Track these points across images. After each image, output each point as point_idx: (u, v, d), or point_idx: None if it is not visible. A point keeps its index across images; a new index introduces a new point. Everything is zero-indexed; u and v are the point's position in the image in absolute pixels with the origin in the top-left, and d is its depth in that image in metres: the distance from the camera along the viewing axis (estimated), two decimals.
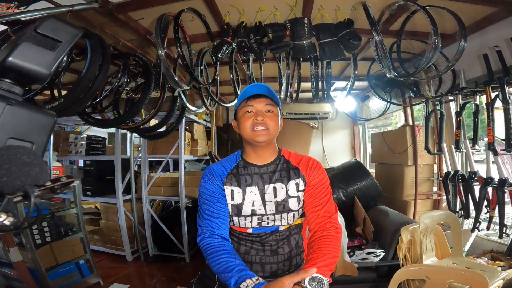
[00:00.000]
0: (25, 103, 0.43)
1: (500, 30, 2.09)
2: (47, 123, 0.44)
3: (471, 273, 1.24)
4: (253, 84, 1.09)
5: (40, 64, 0.45)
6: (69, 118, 3.30)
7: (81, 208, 2.66)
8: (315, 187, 1.10)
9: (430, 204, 3.11)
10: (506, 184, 2.00)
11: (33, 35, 0.46)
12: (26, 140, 0.41)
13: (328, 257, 0.94)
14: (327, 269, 0.91)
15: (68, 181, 0.42)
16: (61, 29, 0.48)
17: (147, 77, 2.23)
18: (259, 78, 2.80)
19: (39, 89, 1.72)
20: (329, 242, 0.99)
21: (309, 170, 1.12)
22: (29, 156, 0.39)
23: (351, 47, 2.16)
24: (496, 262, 2.07)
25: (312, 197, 1.09)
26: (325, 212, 1.07)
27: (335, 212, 1.10)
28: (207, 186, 1.10)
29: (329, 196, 1.11)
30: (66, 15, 1.54)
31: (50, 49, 0.46)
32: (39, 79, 0.46)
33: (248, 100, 1.08)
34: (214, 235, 1.03)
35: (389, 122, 5.14)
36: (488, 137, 2.10)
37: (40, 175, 0.40)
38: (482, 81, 2.15)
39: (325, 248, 0.97)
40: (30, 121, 0.42)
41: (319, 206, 1.07)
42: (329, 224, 1.05)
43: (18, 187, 0.37)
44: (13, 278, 2.20)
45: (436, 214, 2.06)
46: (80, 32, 0.52)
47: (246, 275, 0.83)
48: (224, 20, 2.19)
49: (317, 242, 1.00)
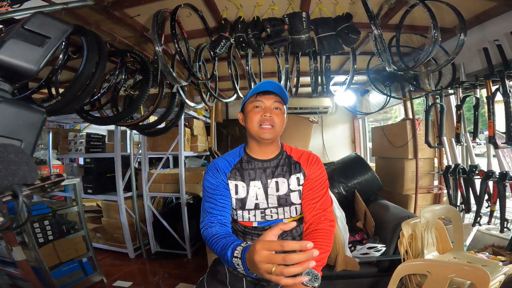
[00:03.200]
0: (14, 101, 0.43)
1: (500, 24, 2.07)
2: (37, 120, 0.43)
3: (473, 268, 1.25)
4: (266, 81, 1.11)
5: (28, 60, 0.44)
6: (68, 116, 3.30)
7: (82, 206, 2.67)
8: (313, 180, 1.14)
9: (431, 198, 3.11)
10: (507, 178, 1.99)
11: (20, 32, 0.45)
12: (15, 138, 0.41)
13: (321, 251, 0.96)
14: (320, 264, 0.95)
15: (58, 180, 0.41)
16: (49, 24, 0.47)
17: (145, 73, 2.22)
18: (258, 73, 2.78)
19: (36, 87, 1.71)
20: (322, 236, 1.02)
21: (309, 165, 1.16)
22: (17, 154, 0.38)
23: (350, 41, 2.14)
24: (497, 257, 2.07)
25: (309, 189, 1.13)
26: (321, 205, 1.10)
27: (330, 205, 1.13)
28: (211, 180, 1.14)
29: (326, 190, 1.15)
30: (61, 13, 1.52)
31: (39, 45, 0.46)
32: (28, 75, 0.46)
33: (258, 95, 1.11)
34: (214, 224, 1.05)
35: (389, 116, 5.13)
36: (489, 131, 2.09)
37: (29, 174, 0.39)
38: (482, 75, 2.14)
39: (319, 242, 1.00)
40: (19, 118, 0.42)
41: (316, 199, 1.11)
42: (324, 217, 1.08)
43: (6, 186, 0.37)
44: (17, 277, 2.22)
45: (437, 208, 2.06)
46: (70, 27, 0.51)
47: (237, 245, 0.84)
48: (222, 15, 2.17)
49: (311, 235, 1.03)
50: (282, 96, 1.13)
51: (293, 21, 2.10)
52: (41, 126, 0.44)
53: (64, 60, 1.64)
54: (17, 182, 0.38)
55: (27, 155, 0.40)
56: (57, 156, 3.41)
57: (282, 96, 1.13)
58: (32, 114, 0.43)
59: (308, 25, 2.12)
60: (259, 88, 1.10)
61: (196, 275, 2.81)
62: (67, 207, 2.71)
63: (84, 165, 3.47)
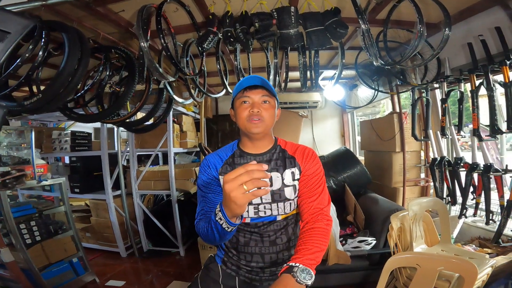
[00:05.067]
0: None
1: (484, 19, 2.11)
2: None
3: (461, 261, 1.27)
4: (249, 76, 1.09)
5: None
6: (51, 114, 3.20)
7: (69, 205, 2.61)
8: (310, 177, 1.11)
9: (418, 190, 3.18)
10: (491, 170, 2.03)
11: None
12: None
13: (316, 250, 0.95)
14: (314, 262, 0.93)
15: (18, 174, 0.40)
16: (10, 20, 0.45)
17: (131, 70, 2.18)
18: (247, 68, 2.76)
19: (15, 85, 1.65)
20: (318, 235, 1.01)
21: (305, 159, 1.13)
22: None
23: (338, 35, 2.14)
24: (484, 249, 2.12)
25: (306, 187, 1.11)
26: (318, 204, 1.08)
27: (328, 204, 1.11)
28: (203, 177, 1.13)
29: (323, 187, 1.12)
30: (40, 9, 1.46)
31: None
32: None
33: (245, 91, 1.08)
34: (205, 217, 1.05)
35: (377, 110, 5.18)
36: (473, 124, 2.13)
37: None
38: (466, 69, 2.17)
39: (314, 240, 0.98)
40: None
41: (313, 197, 1.09)
42: (321, 216, 1.06)
43: None
44: (8, 279, 2.17)
45: (424, 201, 2.10)
46: (31, 22, 0.48)
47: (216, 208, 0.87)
48: (209, 10, 2.14)
49: (307, 233, 1.02)
50: (269, 89, 1.09)
51: (281, 16, 2.08)
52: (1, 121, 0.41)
53: (44, 57, 1.57)
54: None
55: None
56: (41, 156, 3.31)
57: (269, 89, 1.09)
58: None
59: (297, 20, 2.11)
60: (243, 84, 1.08)
61: (189, 272, 2.81)
62: (53, 207, 2.64)
63: (70, 164, 3.38)
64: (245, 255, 1.14)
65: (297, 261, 0.90)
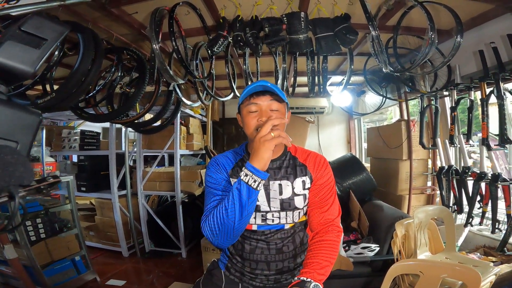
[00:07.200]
0: (10, 102, 0.42)
1: (496, 26, 2.10)
2: (32, 122, 0.43)
3: (464, 269, 1.26)
4: (257, 82, 1.04)
5: (24, 62, 0.44)
6: (62, 113, 3.26)
7: (75, 204, 2.64)
8: (321, 186, 1.08)
9: (424, 198, 3.14)
10: (499, 179, 2.01)
11: (17, 33, 0.44)
12: (11, 140, 0.40)
13: (326, 264, 0.95)
14: (324, 277, 0.93)
15: (54, 181, 0.41)
16: (46, 26, 0.47)
17: (141, 71, 2.21)
18: (255, 72, 2.78)
19: (30, 84, 1.69)
20: (328, 248, 0.99)
21: (317, 168, 1.10)
22: (14, 156, 0.38)
23: (347, 41, 2.15)
24: (488, 258, 2.09)
25: (317, 196, 1.08)
26: (329, 214, 1.06)
27: (338, 215, 1.09)
28: (213, 175, 1.09)
29: (334, 197, 1.09)
30: (58, 9, 1.50)
31: (35, 47, 0.45)
32: (24, 77, 0.45)
33: (252, 98, 1.03)
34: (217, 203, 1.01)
35: (384, 117, 5.16)
36: (482, 133, 2.11)
37: (25, 175, 0.39)
38: (477, 77, 2.15)
39: (324, 254, 0.97)
40: (15, 120, 0.41)
41: (324, 208, 1.06)
42: (332, 227, 1.04)
43: (2, 187, 0.36)
44: (9, 276, 2.19)
45: (430, 209, 2.07)
46: (66, 29, 0.50)
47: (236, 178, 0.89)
48: (220, 14, 2.16)
49: (317, 246, 1.00)
50: (276, 93, 1.02)
51: (291, 21, 2.10)
52: (37, 127, 0.43)
53: (59, 57, 1.62)
54: (13, 183, 0.37)
55: (23, 156, 0.39)
56: (50, 153, 3.37)
57: (276, 93, 1.02)
58: (28, 116, 0.43)
59: (306, 25, 2.12)
60: (251, 90, 1.02)
61: (191, 274, 2.81)
62: (60, 205, 2.68)
63: (78, 162, 3.43)
64: (250, 263, 1.10)
65: (308, 276, 0.90)
